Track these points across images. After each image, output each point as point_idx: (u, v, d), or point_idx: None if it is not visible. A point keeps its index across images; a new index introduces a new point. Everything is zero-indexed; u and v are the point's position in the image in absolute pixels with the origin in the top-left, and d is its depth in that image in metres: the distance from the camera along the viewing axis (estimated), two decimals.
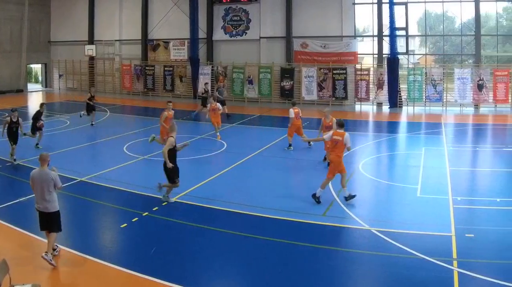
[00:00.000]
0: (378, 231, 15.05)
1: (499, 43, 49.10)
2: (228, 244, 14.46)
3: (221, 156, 25.60)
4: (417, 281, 11.95)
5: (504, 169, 22.93)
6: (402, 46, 48.09)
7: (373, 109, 46.91)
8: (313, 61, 49.38)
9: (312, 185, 19.24)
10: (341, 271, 12.81)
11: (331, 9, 49.20)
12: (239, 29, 53.03)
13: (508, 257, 13.04)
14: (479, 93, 44.38)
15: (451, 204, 17.42)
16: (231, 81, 51.51)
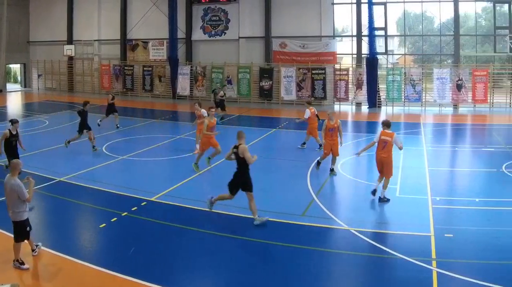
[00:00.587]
0: (357, 231, 14.71)
1: (478, 43, 48.21)
2: (207, 244, 14.08)
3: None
4: (396, 281, 11.74)
5: (482, 169, 22.42)
6: (381, 46, 47.01)
7: (352, 109, 45.64)
8: (292, 61, 47.89)
9: (291, 185, 19.50)
10: (320, 272, 12.47)
11: (310, 9, 47.67)
12: (218, 29, 51.15)
13: (486, 257, 12.78)
14: (458, 93, 43.20)
15: (430, 204, 17.05)
16: (210, 81, 49.89)
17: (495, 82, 44.18)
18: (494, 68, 43.88)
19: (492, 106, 42.87)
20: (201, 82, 49.91)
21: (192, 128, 27.36)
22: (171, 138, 29.15)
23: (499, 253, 13.04)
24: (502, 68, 46.24)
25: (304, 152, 25.57)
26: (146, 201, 17.39)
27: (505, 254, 12.94)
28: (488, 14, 49.19)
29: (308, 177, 20.69)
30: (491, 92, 43.09)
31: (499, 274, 11.74)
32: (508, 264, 12.40)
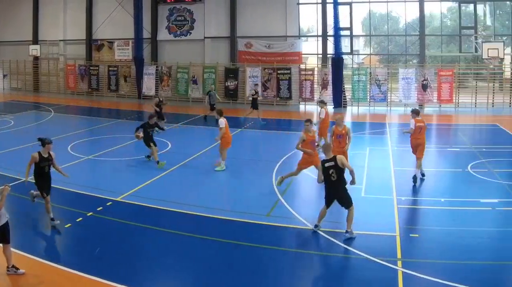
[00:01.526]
0: (322, 231, 14.07)
1: (443, 43, 46.55)
2: (173, 244, 13.49)
3: (166, 156, 23.10)
4: (362, 281, 11.31)
5: (448, 169, 21.80)
6: (346, 46, 44.75)
7: (317, 109, 40.92)
8: (257, 61, 45.26)
9: (257, 185, 18.92)
10: (286, 272, 11.95)
11: (275, 9, 45.19)
12: (183, 29, 48.09)
13: (451, 257, 12.39)
14: (424, 93, 41.05)
15: (396, 204, 16.40)
16: (176, 81, 47.03)
17: (460, 82, 42.40)
18: (459, 68, 41.99)
19: (457, 106, 41.06)
20: (166, 82, 47.06)
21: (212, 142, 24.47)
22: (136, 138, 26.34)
23: (464, 253, 12.61)
24: (468, 68, 44.54)
25: (270, 152, 24.74)
26: (112, 201, 16.75)
27: (470, 254, 12.51)
28: (454, 14, 47.27)
29: (273, 177, 19.68)
30: (457, 92, 41.17)
31: (464, 274, 11.33)
32: (473, 264, 11.97)
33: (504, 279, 11.44)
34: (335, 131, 18.63)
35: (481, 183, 18.98)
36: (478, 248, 13.04)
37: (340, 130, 18.61)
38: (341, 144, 18.42)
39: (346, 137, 18.60)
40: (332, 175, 13.37)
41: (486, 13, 44.31)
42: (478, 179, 19.37)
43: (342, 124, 18.88)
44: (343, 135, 18.53)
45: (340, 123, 18.81)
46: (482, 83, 43.28)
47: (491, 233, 14.03)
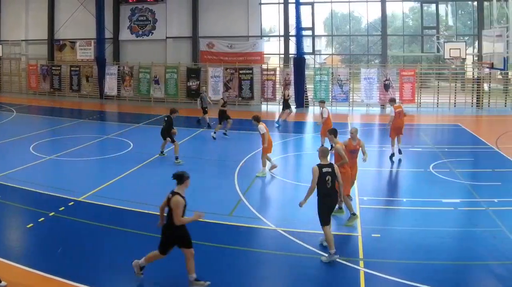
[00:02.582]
0: (284, 231, 13.50)
1: (405, 43, 44.43)
2: (135, 244, 12.63)
3: (128, 156, 22.43)
4: (324, 281, 10.82)
5: (410, 169, 20.67)
6: (308, 46, 42.16)
7: (279, 109, 39.03)
8: (219, 61, 42.28)
9: (219, 185, 17.99)
10: (248, 272, 11.26)
11: (237, 9, 42.25)
12: (145, 29, 44.77)
13: (413, 257, 11.77)
14: (386, 93, 38.46)
15: (358, 204, 15.59)
16: (138, 81, 43.78)
17: (422, 82, 40.44)
18: (421, 68, 40.08)
19: (419, 106, 38.93)
20: (128, 82, 43.86)
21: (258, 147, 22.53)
22: (98, 139, 26.71)
23: (426, 253, 12.04)
24: (430, 68, 42.76)
25: (232, 152, 23.75)
26: (73, 201, 15.89)
27: (432, 254, 11.95)
28: (416, 14, 45.03)
29: (235, 177, 18.84)
30: (419, 92, 38.98)
31: (426, 274, 10.83)
32: (435, 264, 11.45)
33: (465, 279, 10.87)
34: (349, 145, 15.52)
35: (443, 183, 18.10)
36: (440, 248, 12.41)
37: (355, 145, 15.62)
38: (353, 160, 15.48)
39: (358, 153, 15.73)
40: (328, 181, 11.83)
41: (448, 13, 42.42)
42: (440, 179, 18.49)
43: (356, 138, 15.73)
44: (357, 151, 15.68)
45: (355, 137, 15.70)
46: (444, 83, 41.36)
47: (453, 233, 13.41)
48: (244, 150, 23.53)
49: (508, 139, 26.17)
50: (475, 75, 39.61)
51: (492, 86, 40.56)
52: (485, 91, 39.50)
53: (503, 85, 40.66)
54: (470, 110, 37.98)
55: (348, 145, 15.45)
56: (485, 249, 12.25)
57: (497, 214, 14.50)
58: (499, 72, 38.43)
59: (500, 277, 10.83)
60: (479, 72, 38.51)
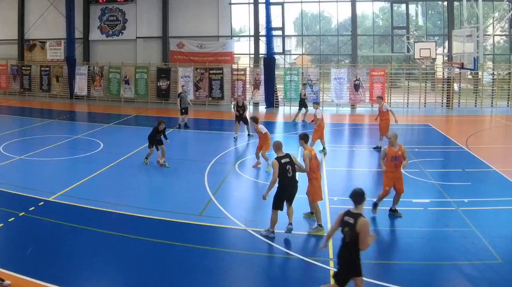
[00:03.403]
0: (254, 231, 12.92)
1: (375, 43, 41.71)
2: (105, 244, 12.19)
3: (98, 156, 21.70)
4: (294, 281, 10.55)
5: (380, 169, 18.17)
6: (278, 46, 40.18)
7: (249, 109, 38.17)
8: (189, 61, 40.16)
9: (189, 185, 17.38)
10: (218, 271, 10.93)
11: (207, 9, 40.16)
12: (115, 29, 42.48)
13: (383, 257, 11.50)
14: (356, 93, 37.11)
15: (328, 204, 14.94)
16: (108, 81, 41.54)
17: (392, 82, 38.79)
18: (391, 68, 38.62)
19: (389, 106, 34.97)
20: (98, 83, 41.59)
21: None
22: (68, 139, 25.60)
23: (397, 253, 11.84)
24: (400, 68, 40.91)
25: (202, 152, 22.81)
26: (44, 201, 15.37)
27: (403, 254, 11.71)
28: (386, 14, 42.43)
29: (205, 177, 18.17)
30: (389, 92, 37.34)
31: (396, 274, 10.60)
32: (405, 264, 11.14)
33: (436, 279, 10.48)
34: (390, 152, 13.96)
35: (413, 183, 17.28)
36: (410, 248, 12.13)
37: (396, 151, 13.94)
38: (397, 168, 13.90)
39: (402, 159, 13.97)
40: (288, 170, 12.06)
41: (418, 13, 40.68)
42: (410, 179, 17.56)
43: (397, 144, 14.08)
44: (399, 157, 13.93)
45: (395, 143, 14.04)
46: (414, 83, 39.53)
47: (423, 233, 12.95)
48: (215, 150, 22.71)
49: (478, 139, 25.52)
50: (445, 75, 38.18)
51: (462, 86, 39.06)
52: (455, 91, 38.09)
53: (473, 85, 39.28)
54: (440, 110, 36.78)
55: (389, 152, 13.94)
56: (455, 249, 11.90)
57: (467, 214, 14.05)
58: (469, 72, 37.06)
59: (470, 277, 10.49)
60: (449, 72, 37.24)
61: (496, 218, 13.88)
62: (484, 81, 38.86)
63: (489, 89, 38.81)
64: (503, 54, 40.83)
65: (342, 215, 8.88)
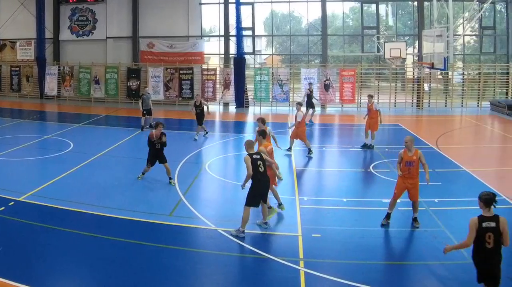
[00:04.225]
0: (224, 231, 12.42)
1: (345, 43, 40.37)
2: (75, 244, 11.73)
3: (68, 156, 20.80)
4: (264, 281, 10.15)
5: (350, 169, 19.35)
6: (248, 46, 38.20)
7: (219, 109, 37.64)
8: (159, 61, 38.34)
9: (159, 185, 16.53)
10: (188, 271, 10.53)
11: (177, 9, 38.36)
12: (85, 29, 40.40)
13: (353, 257, 11.08)
14: (326, 93, 35.62)
15: (298, 204, 14.55)
16: (78, 81, 39.61)
17: (362, 82, 37.18)
18: (361, 68, 36.78)
19: (360, 106, 35.90)
20: (68, 83, 39.64)
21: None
22: (38, 139, 24.56)
23: (366, 253, 11.25)
24: (370, 68, 38.86)
25: (172, 152, 20.38)
26: (14, 201, 14.67)
27: (373, 254, 11.22)
28: (356, 14, 41.07)
29: (176, 177, 17.35)
30: (359, 92, 35.90)
31: (367, 274, 10.15)
32: (375, 264, 10.80)
33: (406, 279, 10.17)
34: (404, 157, 12.86)
35: (383, 183, 16.94)
36: (381, 248, 11.82)
37: (411, 156, 12.82)
38: (411, 174, 12.73)
39: (418, 165, 12.79)
40: (260, 165, 11.96)
41: (388, 13, 39.21)
42: (380, 179, 17.38)
43: (413, 148, 12.91)
44: (414, 162, 12.75)
45: (411, 148, 12.89)
46: (385, 83, 38.19)
47: (393, 233, 12.57)
48: (185, 150, 21.76)
49: (448, 139, 24.89)
50: (415, 75, 36.97)
51: (432, 86, 37.89)
52: (425, 91, 36.96)
53: (443, 85, 38.22)
54: (411, 110, 35.57)
55: (404, 157, 12.85)
56: (426, 249, 11.57)
57: (437, 214, 13.71)
58: (439, 72, 36.07)
59: (440, 277, 10.26)
60: (419, 72, 35.97)
61: (466, 218, 12.83)
62: (454, 81, 37.91)
63: (459, 89, 37.77)
64: (473, 54, 39.71)
65: (478, 222, 8.14)
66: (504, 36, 37.56)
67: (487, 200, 8.17)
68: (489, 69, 37.30)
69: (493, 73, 36.90)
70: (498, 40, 37.98)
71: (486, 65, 37.31)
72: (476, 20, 35.45)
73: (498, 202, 8.38)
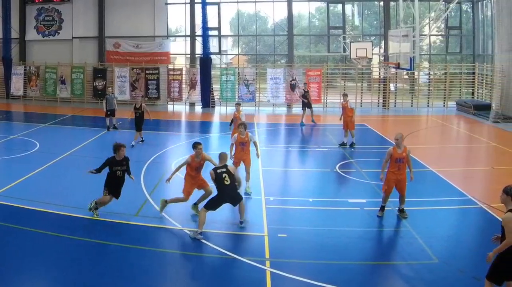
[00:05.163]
0: (190, 230, 11.88)
1: (311, 43, 38.73)
2: (41, 244, 11.24)
3: (34, 156, 20.01)
4: (230, 281, 9.74)
5: (316, 169, 18.71)
6: (214, 46, 36.80)
7: (185, 109, 36.32)
8: (125, 61, 36.51)
9: (125, 185, 13.73)
10: (154, 271, 10.13)
11: (143, 9, 36.58)
12: (51, 29, 38.46)
13: (319, 257, 10.75)
14: (292, 93, 34.17)
15: (264, 204, 14.04)
16: (44, 81, 37.70)
17: (328, 82, 35.96)
18: (327, 68, 35.59)
19: (326, 106, 34.77)
20: (34, 83, 37.73)
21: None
22: (4, 139, 23.58)
23: (333, 253, 10.97)
24: (336, 68, 37.75)
25: (139, 152, 20.73)
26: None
27: (339, 254, 10.91)
28: (322, 14, 39.22)
29: (142, 176, 16.67)
30: (325, 92, 34.75)
31: (332, 274, 9.83)
32: (341, 264, 10.42)
33: (372, 279, 9.81)
34: (394, 154, 12.77)
35: (349, 182, 16.67)
36: (347, 248, 11.22)
37: (400, 153, 12.82)
38: (400, 170, 12.74)
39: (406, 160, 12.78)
40: (225, 178, 11.59)
41: (354, 13, 37.95)
42: (347, 179, 16.96)
43: (402, 145, 12.89)
44: (404, 159, 12.73)
45: (400, 144, 12.86)
46: (351, 83, 36.74)
47: (359, 233, 12.03)
48: (151, 150, 20.96)
49: (414, 139, 23.87)
50: (381, 75, 35.73)
51: (398, 86, 36.46)
52: (391, 91, 35.57)
53: (409, 85, 36.95)
54: (377, 110, 34.58)
55: (393, 154, 12.73)
56: (391, 249, 11.46)
57: None
58: (405, 72, 34.80)
59: (406, 277, 9.91)
60: (385, 72, 34.74)
61: (432, 218, 13.09)
62: (420, 81, 36.81)
63: (425, 89, 36.73)
64: (439, 54, 38.54)
65: None
66: (470, 36, 36.55)
67: None
68: (455, 69, 36.34)
69: (459, 73, 35.89)
70: (464, 40, 36.92)
71: (452, 65, 36.28)
72: (442, 20, 34.18)
73: None
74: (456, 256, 10.65)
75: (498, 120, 28.55)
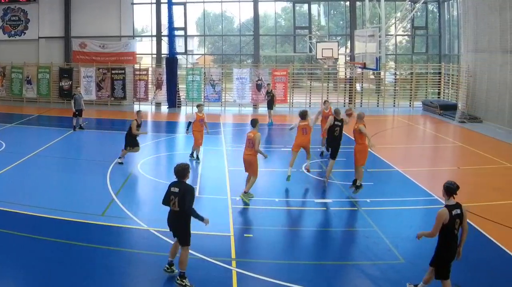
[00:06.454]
0: (156, 231, 11.38)
1: (277, 43, 36.66)
2: (6, 244, 10.67)
3: (0, 156, 18.56)
4: (196, 281, 9.07)
5: (282, 169, 17.13)
6: (180, 46, 35.01)
7: (151, 109, 34.18)
8: (92, 61, 34.39)
9: (91, 184, 15.18)
10: (119, 271, 9.67)
11: (109, 9, 34.40)
12: (17, 29, 36.15)
13: (286, 257, 10.46)
14: (258, 93, 32.44)
15: (230, 204, 13.44)
16: (10, 81, 35.56)
17: (294, 82, 34.48)
18: (293, 68, 34.15)
19: (292, 106, 33.06)
20: (0, 82, 35.52)
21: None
22: None
23: (299, 253, 10.69)
24: (302, 68, 36.11)
25: (104, 152, 20.08)
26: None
27: (304, 254, 10.64)
28: (288, 14, 37.49)
29: (108, 176, 15.91)
30: (291, 92, 33.17)
31: (298, 274, 9.53)
32: (307, 264, 10.15)
33: (337, 279, 9.52)
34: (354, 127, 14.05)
35: (315, 183, 15.90)
36: (312, 248, 11.02)
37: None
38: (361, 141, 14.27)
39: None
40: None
41: (320, 13, 36.22)
42: (313, 179, 16.21)
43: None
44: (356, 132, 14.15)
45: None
46: (317, 83, 34.96)
47: (325, 233, 11.74)
48: (117, 150, 19.45)
49: (381, 139, 22.86)
50: (347, 75, 34.25)
51: (364, 86, 34.87)
52: (357, 91, 34.11)
53: (375, 85, 35.34)
54: (343, 110, 31.08)
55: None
56: (357, 249, 10.92)
57: (370, 214, 12.83)
58: (371, 72, 33.21)
59: (372, 277, 9.47)
60: (351, 72, 33.35)
61: (398, 218, 12.74)
62: (386, 81, 35.32)
63: (391, 89, 35.30)
64: (405, 54, 37.09)
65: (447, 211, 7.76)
66: (436, 36, 35.17)
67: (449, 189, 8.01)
68: (421, 69, 34.88)
69: (425, 73, 34.51)
70: (430, 40, 35.55)
71: (418, 65, 34.79)
72: (408, 20, 32.67)
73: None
74: (422, 256, 9.87)
75: (464, 120, 27.58)
